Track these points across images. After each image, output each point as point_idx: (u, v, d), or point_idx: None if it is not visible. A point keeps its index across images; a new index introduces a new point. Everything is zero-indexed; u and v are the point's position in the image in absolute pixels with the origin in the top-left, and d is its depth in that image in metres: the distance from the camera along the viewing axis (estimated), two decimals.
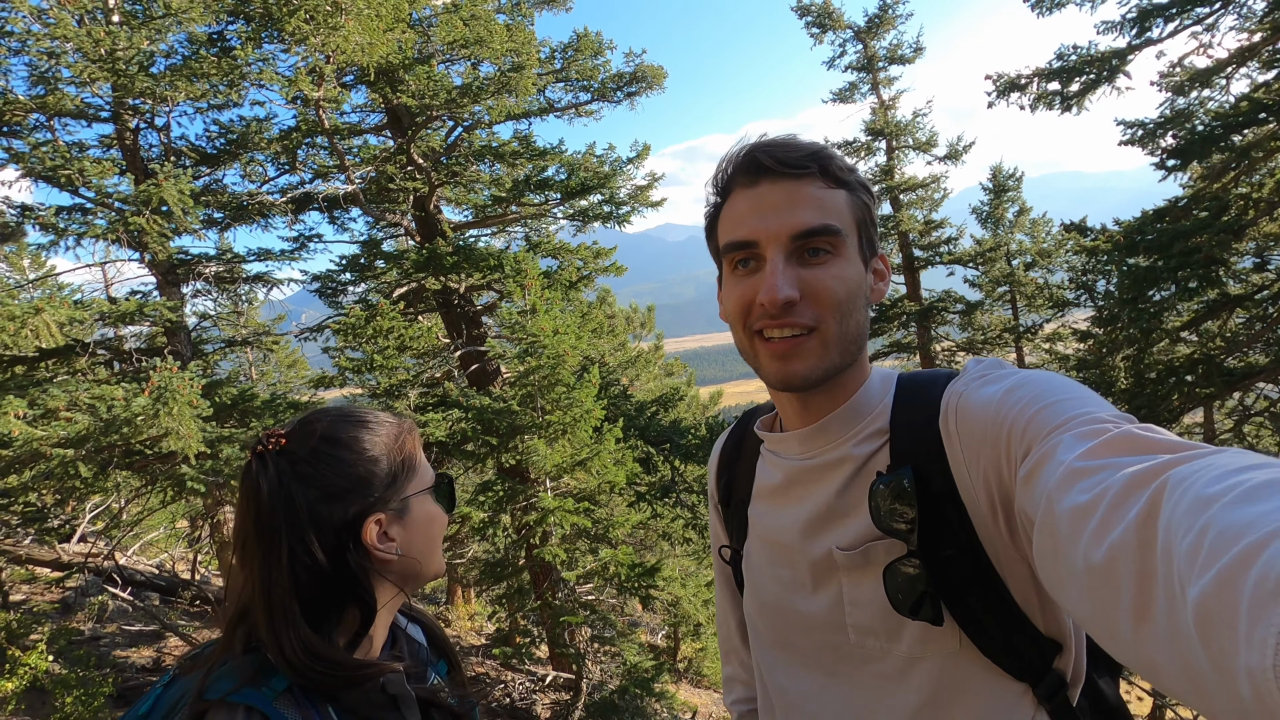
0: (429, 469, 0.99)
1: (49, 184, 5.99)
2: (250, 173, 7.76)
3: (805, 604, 0.93)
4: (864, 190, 0.91)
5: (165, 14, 5.83)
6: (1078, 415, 0.67)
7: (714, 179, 0.94)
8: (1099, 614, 0.52)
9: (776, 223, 0.85)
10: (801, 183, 0.86)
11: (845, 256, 0.86)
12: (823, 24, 14.20)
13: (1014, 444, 0.72)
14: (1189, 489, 0.46)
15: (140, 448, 5.93)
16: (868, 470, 0.88)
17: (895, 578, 0.82)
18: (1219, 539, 0.40)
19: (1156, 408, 6.54)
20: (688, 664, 13.08)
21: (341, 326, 7.34)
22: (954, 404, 0.82)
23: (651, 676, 7.21)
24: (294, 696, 0.81)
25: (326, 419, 0.93)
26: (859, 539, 0.87)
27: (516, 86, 7.36)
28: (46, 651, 6.02)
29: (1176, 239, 6.20)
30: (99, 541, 8.98)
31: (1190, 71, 8.07)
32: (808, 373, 0.86)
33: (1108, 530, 0.51)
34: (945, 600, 0.80)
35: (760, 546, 1.02)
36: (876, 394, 0.92)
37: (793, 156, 0.86)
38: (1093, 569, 0.52)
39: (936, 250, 14.98)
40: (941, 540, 0.80)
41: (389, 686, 0.90)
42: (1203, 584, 0.40)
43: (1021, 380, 0.77)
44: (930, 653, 0.83)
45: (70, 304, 5.68)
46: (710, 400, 18.59)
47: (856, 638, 0.88)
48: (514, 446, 6.83)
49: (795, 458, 0.96)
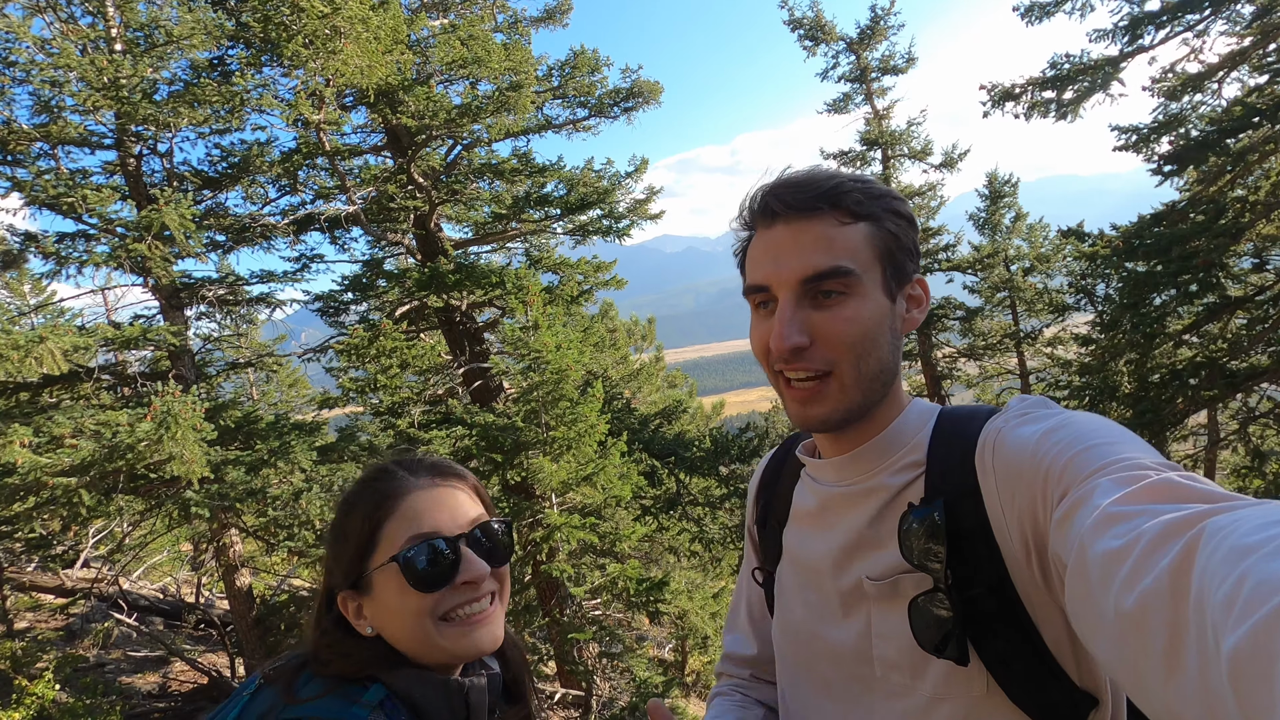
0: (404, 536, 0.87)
1: (52, 211, 6.03)
2: (252, 195, 7.80)
3: (833, 632, 0.92)
4: (893, 217, 0.88)
5: (167, 41, 5.89)
6: (1118, 460, 0.65)
7: (740, 214, 0.94)
8: (1129, 663, 0.51)
9: (786, 267, 0.85)
10: (813, 223, 0.85)
11: (861, 294, 0.84)
12: (815, 37, 14.32)
13: (1051, 486, 0.70)
14: (1226, 538, 0.45)
15: (145, 472, 5.93)
16: (900, 500, 0.87)
17: (921, 614, 0.80)
18: (1257, 590, 0.39)
19: (1160, 411, 6.54)
20: (696, 677, 12.99)
21: (345, 347, 7.35)
22: (992, 440, 0.81)
23: (661, 692, 7.16)
24: (385, 713, 0.81)
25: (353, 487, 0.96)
26: (889, 570, 0.86)
27: (515, 105, 7.41)
28: (53, 680, 5.99)
29: (1175, 243, 6.23)
30: (103, 567, 8.95)
31: (1182, 77, 8.14)
32: (827, 416, 0.86)
33: (1140, 577, 0.50)
34: (972, 640, 0.78)
35: (792, 570, 1.01)
36: (914, 425, 0.91)
37: (802, 199, 0.85)
38: (1124, 616, 0.50)
39: (935, 257, 15.03)
40: (971, 578, 0.78)
41: (471, 694, 0.90)
42: (1238, 635, 0.39)
43: (1063, 421, 0.75)
44: (955, 694, 0.81)
45: (74, 330, 5.69)
46: (713, 410, 18.59)
47: (882, 671, 0.87)
48: (519, 463, 6.82)
49: (831, 484, 0.95)
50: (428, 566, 0.86)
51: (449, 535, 0.89)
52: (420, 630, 0.87)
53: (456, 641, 0.88)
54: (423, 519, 0.89)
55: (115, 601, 8.11)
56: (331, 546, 0.92)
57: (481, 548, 0.92)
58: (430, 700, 0.87)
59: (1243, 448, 8.15)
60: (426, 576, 0.86)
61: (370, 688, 0.84)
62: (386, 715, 0.82)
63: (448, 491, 0.93)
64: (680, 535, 9.16)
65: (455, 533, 0.89)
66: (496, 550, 0.94)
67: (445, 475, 0.95)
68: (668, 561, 11.29)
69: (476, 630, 0.88)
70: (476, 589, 0.89)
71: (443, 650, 0.88)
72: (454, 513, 0.91)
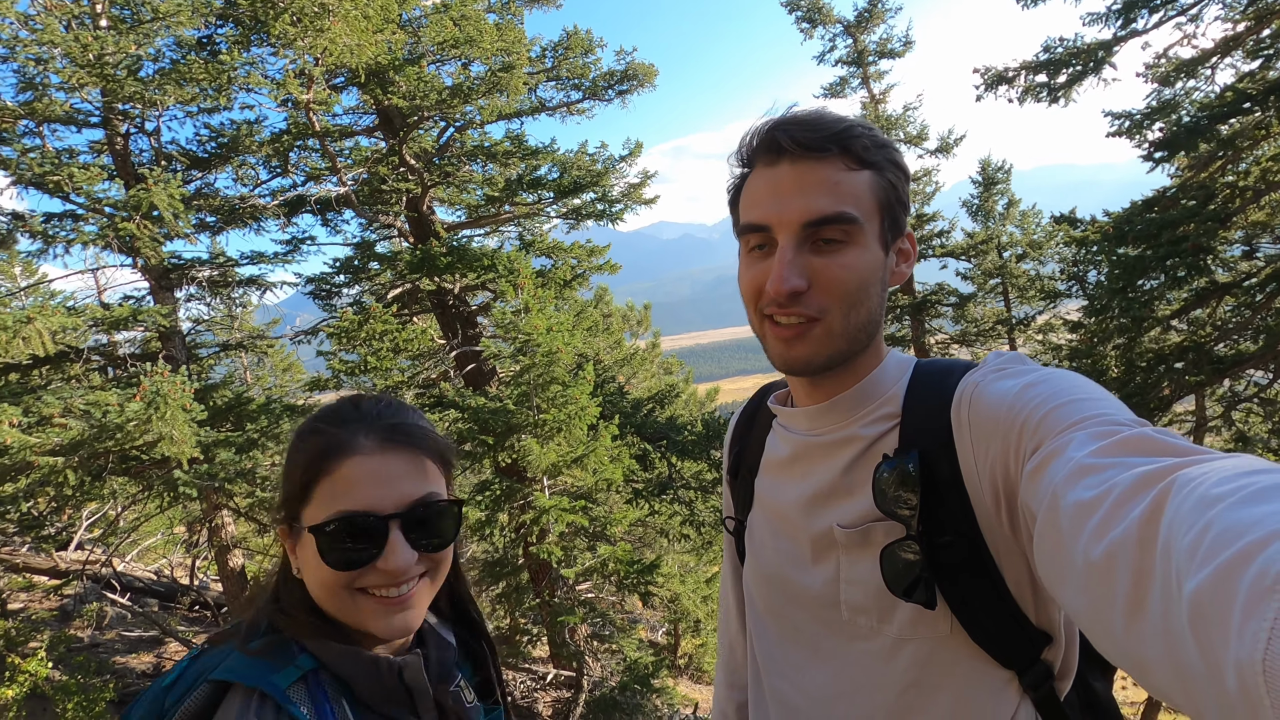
0: (331, 506, 0.80)
1: (39, 190, 5.97)
2: (242, 176, 7.74)
3: (803, 577, 0.94)
4: (894, 168, 0.87)
5: (154, 18, 5.82)
6: (1094, 415, 0.66)
7: (739, 149, 0.92)
8: (1094, 610, 0.52)
9: (790, 208, 0.83)
10: (821, 165, 0.83)
11: (861, 244, 0.84)
12: (812, 19, 14.22)
13: (1025, 438, 0.72)
14: (1195, 489, 0.46)
15: (136, 453, 5.93)
16: (874, 451, 0.88)
17: (893, 560, 0.82)
18: (1220, 537, 0.40)
19: (1147, 395, 6.59)
20: (688, 660, 13.13)
21: (335, 330, 7.34)
22: (968, 394, 0.82)
23: (651, 673, 7.24)
24: (308, 687, 0.78)
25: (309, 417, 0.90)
26: (860, 518, 0.87)
27: (507, 86, 7.36)
28: (46, 658, 6.02)
29: (1165, 228, 6.24)
30: (96, 548, 8.96)
31: (1176, 62, 8.12)
32: (810, 358, 0.86)
33: (1109, 527, 0.51)
34: (939, 585, 0.81)
35: (764, 518, 1.03)
36: (891, 377, 0.92)
37: (812, 138, 0.83)
38: (1091, 565, 0.52)
39: (929, 244, 15.03)
40: (942, 527, 0.80)
41: (406, 674, 0.85)
42: (1199, 578, 0.40)
43: (1041, 377, 0.76)
44: (919, 635, 0.84)
45: (63, 311, 5.66)
46: (707, 397, 18.62)
47: (849, 614, 0.89)
48: (510, 445, 6.84)
49: (804, 433, 0.96)
50: (349, 545, 0.79)
51: (381, 514, 0.80)
52: (335, 599, 0.82)
53: (370, 618, 0.82)
54: (355, 491, 0.81)
55: (109, 582, 8.13)
56: (281, 475, 0.88)
57: (420, 528, 0.84)
58: (360, 678, 0.82)
59: (1228, 433, 8.23)
60: (344, 556, 0.80)
61: (298, 656, 0.80)
62: (309, 688, 0.78)
63: (395, 460, 0.84)
64: (672, 519, 9.22)
65: (389, 511, 0.81)
66: (436, 532, 0.85)
67: (398, 440, 0.85)
68: (660, 545, 11.37)
69: (393, 613, 0.82)
70: (396, 577, 0.82)
71: (355, 623, 0.82)
72: (395, 486, 0.82)
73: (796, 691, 0.96)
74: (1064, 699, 0.85)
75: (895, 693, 0.85)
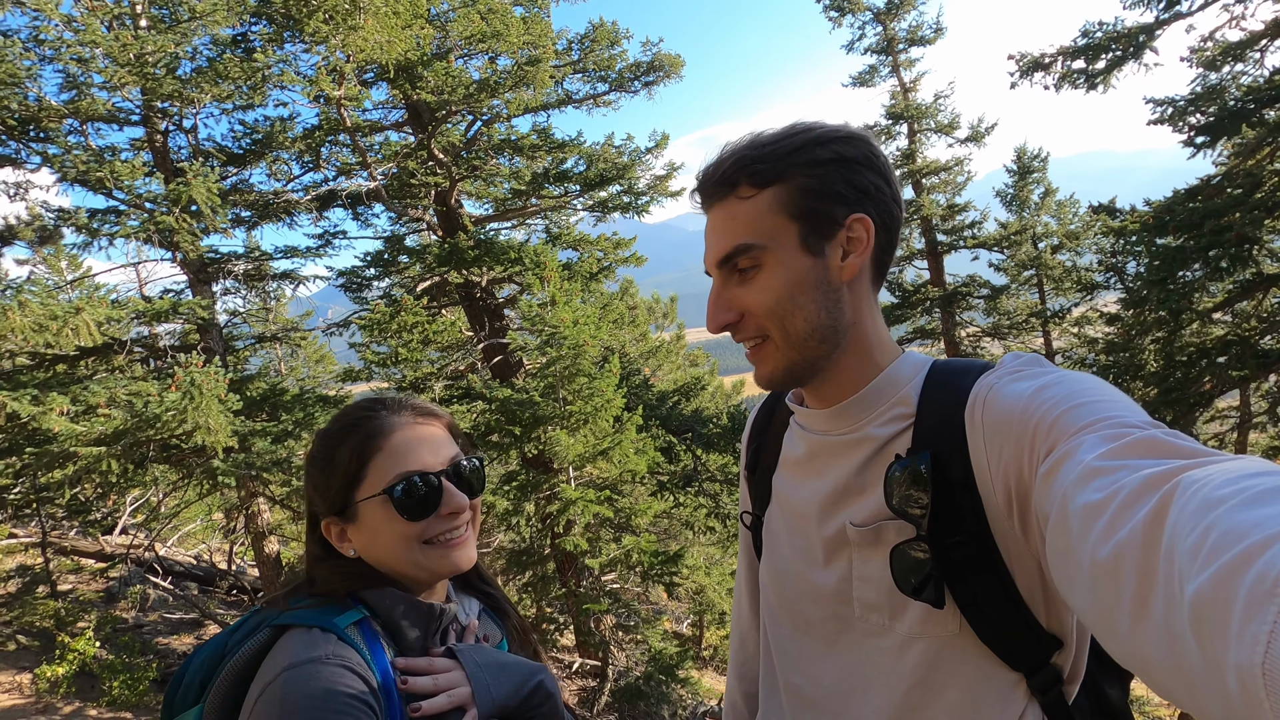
0: (392, 472, 0.95)
1: (83, 187, 6.16)
2: (276, 171, 7.90)
3: (816, 575, 0.96)
4: (809, 168, 0.86)
5: (191, 17, 5.95)
6: (1106, 418, 0.66)
7: None
8: (1101, 611, 0.52)
9: (708, 255, 0.92)
10: (722, 206, 0.90)
11: (772, 263, 0.87)
12: (841, 7, 14.01)
13: (1039, 441, 0.72)
14: (1199, 491, 0.46)
15: (176, 442, 6.12)
16: (888, 451, 0.89)
17: (903, 559, 0.83)
18: (1222, 539, 0.40)
19: (1187, 390, 6.40)
20: (713, 651, 13.16)
21: (367, 322, 7.47)
22: (983, 395, 0.82)
23: (676, 663, 7.28)
24: (361, 630, 0.91)
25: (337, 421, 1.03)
26: (872, 516, 0.89)
27: (534, 79, 7.39)
28: (94, 638, 6.26)
29: (1207, 217, 6.04)
30: (139, 533, 9.28)
31: (1222, 46, 7.83)
32: (769, 375, 0.92)
33: (1116, 529, 0.52)
34: (949, 584, 0.81)
35: (780, 515, 1.05)
36: (904, 377, 0.92)
37: (709, 186, 0.90)
38: (1098, 566, 0.52)
39: (960, 234, 14.75)
40: (952, 528, 0.81)
41: (445, 617, 1.00)
42: (1200, 580, 0.40)
43: (1056, 380, 0.76)
44: (929, 633, 0.85)
45: (108, 303, 5.85)
46: (733, 389, 18.58)
47: (861, 611, 0.90)
48: (536, 437, 6.91)
49: (819, 433, 0.98)
50: (416, 499, 0.95)
51: (432, 471, 0.97)
52: (406, 552, 0.96)
53: (438, 561, 0.98)
54: (408, 456, 0.97)
55: (151, 566, 8.42)
56: (315, 477, 1.00)
57: (459, 481, 1.00)
58: (409, 618, 0.96)
59: (1274, 429, 7.96)
60: (414, 506, 0.95)
61: (350, 609, 0.93)
62: (362, 632, 0.91)
63: (428, 429, 1.01)
64: (697, 511, 9.24)
65: (437, 468, 0.98)
66: (471, 484, 1.03)
67: (425, 415, 1.03)
68: (685, 537, 11.40)
69: (455, 551, 0.99)
70: (456, 518, 0.99)
71: (425, 569, 0.97)
72: (435, 450, 1.00)
73: (810, 684, 0.98)
74: (1073, 703, 0.85)
75: (905, 689, 0.86)
